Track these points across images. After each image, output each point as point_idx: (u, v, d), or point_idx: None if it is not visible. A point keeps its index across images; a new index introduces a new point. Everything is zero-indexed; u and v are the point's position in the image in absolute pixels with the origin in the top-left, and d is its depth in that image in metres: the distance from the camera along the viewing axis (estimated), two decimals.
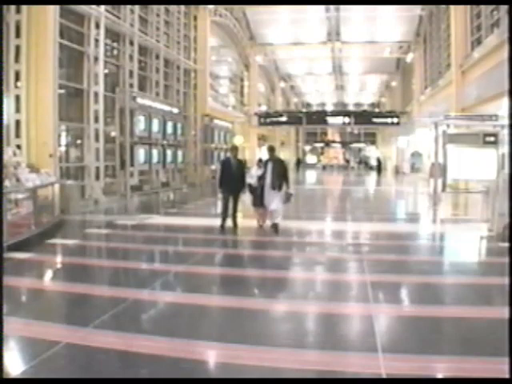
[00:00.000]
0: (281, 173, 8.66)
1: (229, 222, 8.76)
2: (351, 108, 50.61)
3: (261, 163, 9.08)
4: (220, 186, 8.97)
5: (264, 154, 9.58)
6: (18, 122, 10.48)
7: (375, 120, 31.98)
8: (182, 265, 6.23)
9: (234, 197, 8.84)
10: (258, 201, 8.83)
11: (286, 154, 43.90)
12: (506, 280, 4.57)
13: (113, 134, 13.25)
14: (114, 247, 7.71)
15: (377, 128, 44.55)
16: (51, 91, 10.87)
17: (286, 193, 8.78)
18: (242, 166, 9.08)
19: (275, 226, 8.57)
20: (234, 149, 9.48)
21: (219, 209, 9.14)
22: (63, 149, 12.90)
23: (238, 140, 22.54)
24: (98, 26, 13.06)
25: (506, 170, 8.49)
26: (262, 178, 8.77)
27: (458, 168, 10.89)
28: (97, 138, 13.12)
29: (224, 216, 8.79)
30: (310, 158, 53.42)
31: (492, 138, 10.73)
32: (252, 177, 9.04)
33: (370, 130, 49.47)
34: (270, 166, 8.70)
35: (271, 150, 9.14)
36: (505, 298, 3.86)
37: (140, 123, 11.06)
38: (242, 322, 4.20)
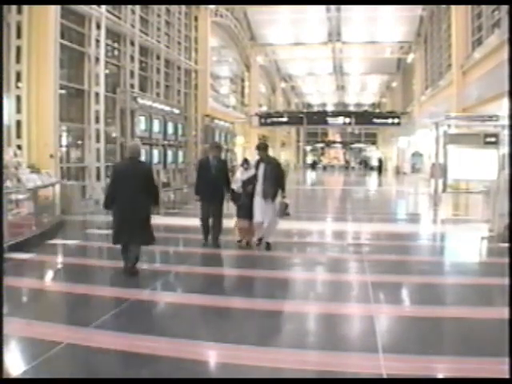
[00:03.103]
0: (275, 178, 6.85)
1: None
2: (352, 108, 50.66)
3: (246, 164, 7.28)
4: (197, 192, 7.25)
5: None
6: (18, 123, 10.49)
7: (376, 120, 32.08)
8: (183, 265, 6.24)
9: (215, 207, 7.09)
10: (243, 211, 7.08)
11: (287, 154, 43.98)
12: (507, 280, 4.56)
13: (114, 134, 13.25)
14: (114, 247, 7.67)
15: (377, 128, 44.56)
16: (52, 92, 10.87)
17: (281, 203, 6.98)
18: (225, 168, 7.43)
19: (265, 245, 7.06)
20: (215, 147, 7.54)
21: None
22: (64, 149, 12.90)
23: (238, 140, 22.54)
24: (98, 27, 13.05)
25: (507, 171, 8.47)
26: (247, 183, 7.03)
27: (459, 168, 10.91)
28: (97, 139, 13.10)
29: (206, 230, 7.27)
30: (311, 159, 53.59)
31: (493, 139, 10.76)
32: (236, 181, 7.29)
33: (370, 130, 49.50)
34: (261, 169, 6.90)
35: (262, 148, 7.09)
36: (505, 299, 3.85)
37: (141, 123, 11.10)
38: (242, 322, 4.20)
